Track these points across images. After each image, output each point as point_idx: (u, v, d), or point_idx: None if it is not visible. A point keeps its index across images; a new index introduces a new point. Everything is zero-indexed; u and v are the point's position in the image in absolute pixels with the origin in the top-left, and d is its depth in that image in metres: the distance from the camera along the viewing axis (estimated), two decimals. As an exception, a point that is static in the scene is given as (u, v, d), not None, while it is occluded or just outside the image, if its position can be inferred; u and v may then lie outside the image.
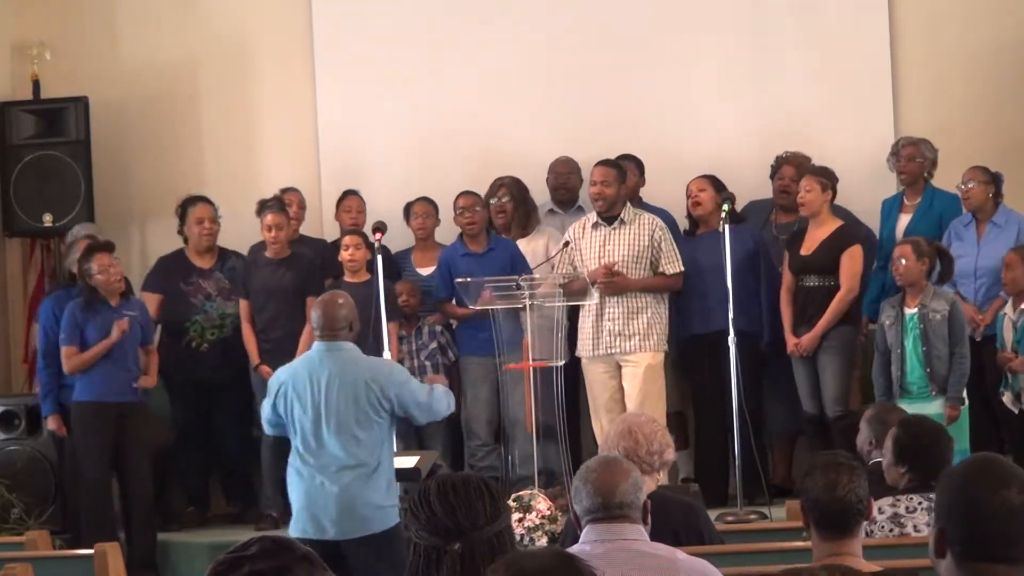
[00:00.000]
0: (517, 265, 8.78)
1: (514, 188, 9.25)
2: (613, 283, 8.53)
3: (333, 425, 6.57)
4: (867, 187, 9.17)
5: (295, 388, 6.66)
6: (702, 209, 8.88)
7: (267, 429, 6.97)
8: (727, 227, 8.21)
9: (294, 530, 6.68)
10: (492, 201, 9.20)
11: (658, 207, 9.17)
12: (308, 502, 6.62)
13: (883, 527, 5.35)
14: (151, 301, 9.11)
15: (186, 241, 9.38)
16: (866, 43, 9.62)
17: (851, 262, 8.52)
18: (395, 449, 8.07)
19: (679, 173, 9.19)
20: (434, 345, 9.00)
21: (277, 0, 10.23)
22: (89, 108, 9.82)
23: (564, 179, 9.43)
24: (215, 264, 9.28)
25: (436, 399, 6.75)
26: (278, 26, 10.18)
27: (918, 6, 9.65)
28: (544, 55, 9.86)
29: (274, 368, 8.63)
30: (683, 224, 9.15)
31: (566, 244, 8.86)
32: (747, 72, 9.72)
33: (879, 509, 5.35)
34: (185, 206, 9.32)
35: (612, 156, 8.97)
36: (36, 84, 10.07)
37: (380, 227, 8.76)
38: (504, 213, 9.19)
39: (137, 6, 10.29)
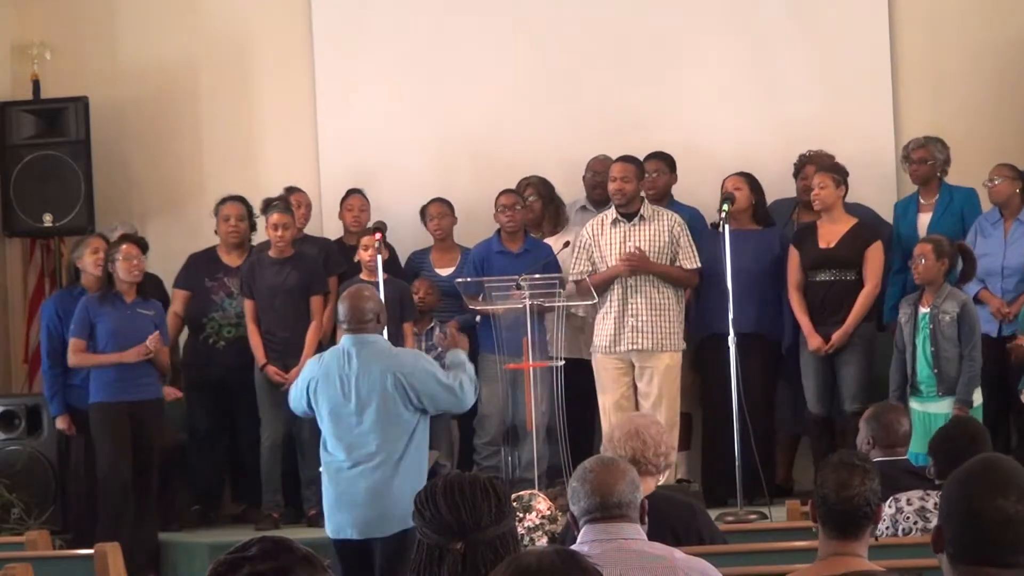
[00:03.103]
0: (551, 269, 8.72)
1: (541, 187, 9.26)
2: (633, 256, 8.48)
3: (364, 419, 6.57)
4: (867, 187, 9.16)
5: (325, 382, 6.65)
6: (736, 206, 8.75)
7: (293, 405, 6.90)
8: (727, 228, 8.19)
9: (329, 530, 6.67)
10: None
11: (688, 206, 9.14)
12: (339, 499, 6.63)
13: (908, 518, 5.35)
14: (179, 298, 9.16)
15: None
16: (866, 43, 9.62)
17: (876, 257, 8.51)
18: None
19: (689, 175, 9.22)
20: (443, 346, 8.99)
21: (277, 0, 10.23)
22: (89, 108, 9.82)
23: (602, 178, 9.32)
24: (243, 262, 9.25)
25: (463, 388, 6.70)
26: (278, 26, 10.18)
27: (918, 6, 9.65)
28: (543, 55, 9.85)
29: (281, 368, 8.68)
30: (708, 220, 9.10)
31: (566, 244, 8.84)
32: (746, 72, 9.72)
33: (908, 500, 5.36)
34: (220, 204, 9.31)
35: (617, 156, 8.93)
36: (36, 84, 10.07)
37: (379, 227, 8.76)
38: (533, 212, 9.19)
39: (137, 6, 10.29)
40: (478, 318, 8.91)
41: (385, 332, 7.03)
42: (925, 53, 9.62)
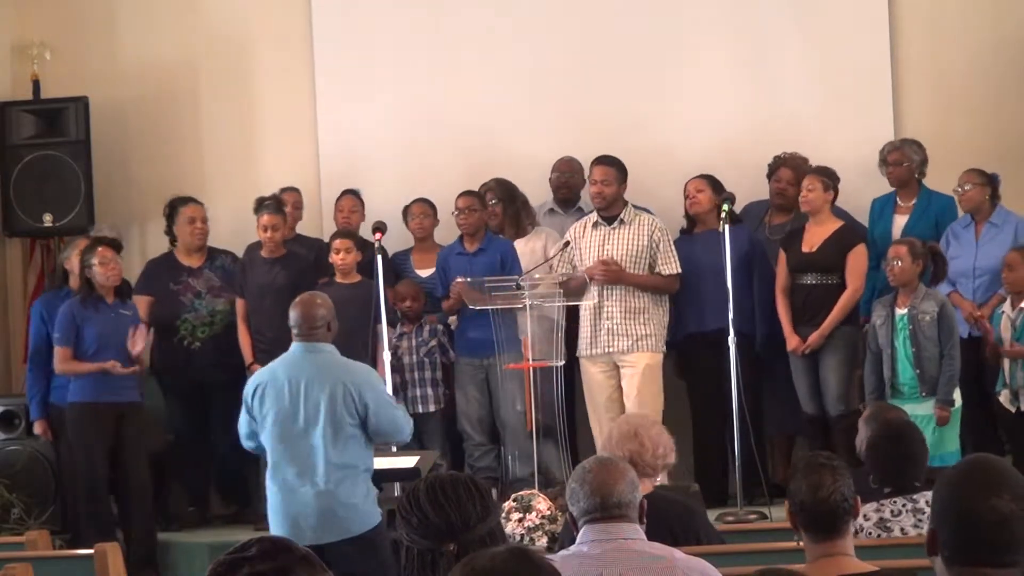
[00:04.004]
0: (507, 265, 8.75)
1: (499, 190, 9.23)
2: (609, 270, 8.53)
3: (312, 426, 6.46)
4: (867, 187, 9.15)
5: (273, 388, 6.53)
6: (699, 208, 8.88)
7: (245, 443, 6.74)
8: (727, 227, 8.21)
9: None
10: None
11: (642, 207, 9.13)
12: (286, 505, 6.51)
13: (870, 533, 5.35)
14: (141, 303, 9.10)
15: (173, 243, 9.37)
16: (866, 43, 9.62)
17: (858, 261, 8.52)
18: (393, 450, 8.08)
19: (677, 174, 9.20)
20: (434, 343, 9.00)
21: (277, 0, 10.23)
22: (89, 108, 9.83)
23: (567, 178, 9.43)
24: (204, 263, 9.28)
25: (404, 418, 6.64)
26: (278, 26, 10.18)
27: (918, 6, 9.65)
28: (542, 56, 9.86)
29: (266, 367, 8.68)
30: (678, 223, 9.12)
31: (566, 244, 8.86)
32: (747, 72, 9.72)
33: (864, 516, 5.35)
34: (174, 206, 9.32)
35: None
36: (36, 84, 10.07)
37: (380, 227, 8.74)
38: (495, 216, 9.19)
39: (137, 6, 10.29)
40: (451, 321, 8.93)
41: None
42: (925, 53, 9.62)
